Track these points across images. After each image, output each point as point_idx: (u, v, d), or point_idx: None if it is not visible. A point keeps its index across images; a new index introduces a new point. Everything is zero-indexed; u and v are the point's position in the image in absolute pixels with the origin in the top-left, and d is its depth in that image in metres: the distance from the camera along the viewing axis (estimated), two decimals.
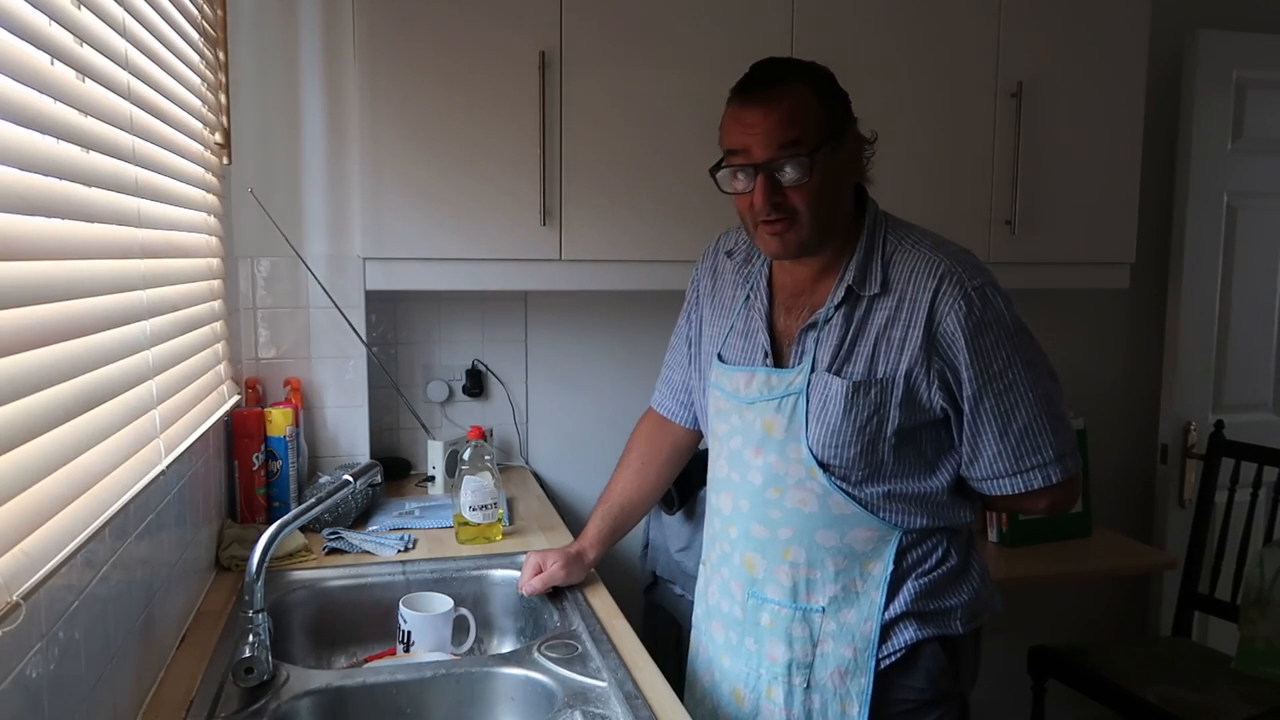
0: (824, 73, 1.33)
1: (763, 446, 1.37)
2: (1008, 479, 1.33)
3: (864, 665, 1.34)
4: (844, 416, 1.30)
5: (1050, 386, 1.35)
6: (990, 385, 1.30)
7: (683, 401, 1.61)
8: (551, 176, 2.07)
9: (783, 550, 1.37)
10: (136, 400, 1.16)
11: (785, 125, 1.26)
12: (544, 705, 1.27)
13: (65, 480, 0.91)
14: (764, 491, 1.38)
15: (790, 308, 1.40)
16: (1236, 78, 2.70)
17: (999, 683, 2.68)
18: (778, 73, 1.30)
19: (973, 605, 1.39)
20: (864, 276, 1.33)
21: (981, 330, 1.28)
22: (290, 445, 1.91)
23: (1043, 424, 1.32)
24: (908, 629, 1.35)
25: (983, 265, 1.35)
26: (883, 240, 1.35)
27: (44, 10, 0.89)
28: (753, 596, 1.41)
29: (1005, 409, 1.31)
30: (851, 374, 1.31)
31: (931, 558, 1.36)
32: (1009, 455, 1.32)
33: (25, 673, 0.82)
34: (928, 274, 1.30)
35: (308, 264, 2.08)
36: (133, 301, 1.17)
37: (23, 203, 0.84)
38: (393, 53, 1.98)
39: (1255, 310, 2.84)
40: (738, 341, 1.44)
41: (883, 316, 1.32)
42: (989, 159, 2.32)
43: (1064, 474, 1.34)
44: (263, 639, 1.25)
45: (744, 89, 1.30)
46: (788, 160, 1.26)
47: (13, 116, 0.81)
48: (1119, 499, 2.88)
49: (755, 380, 1.39)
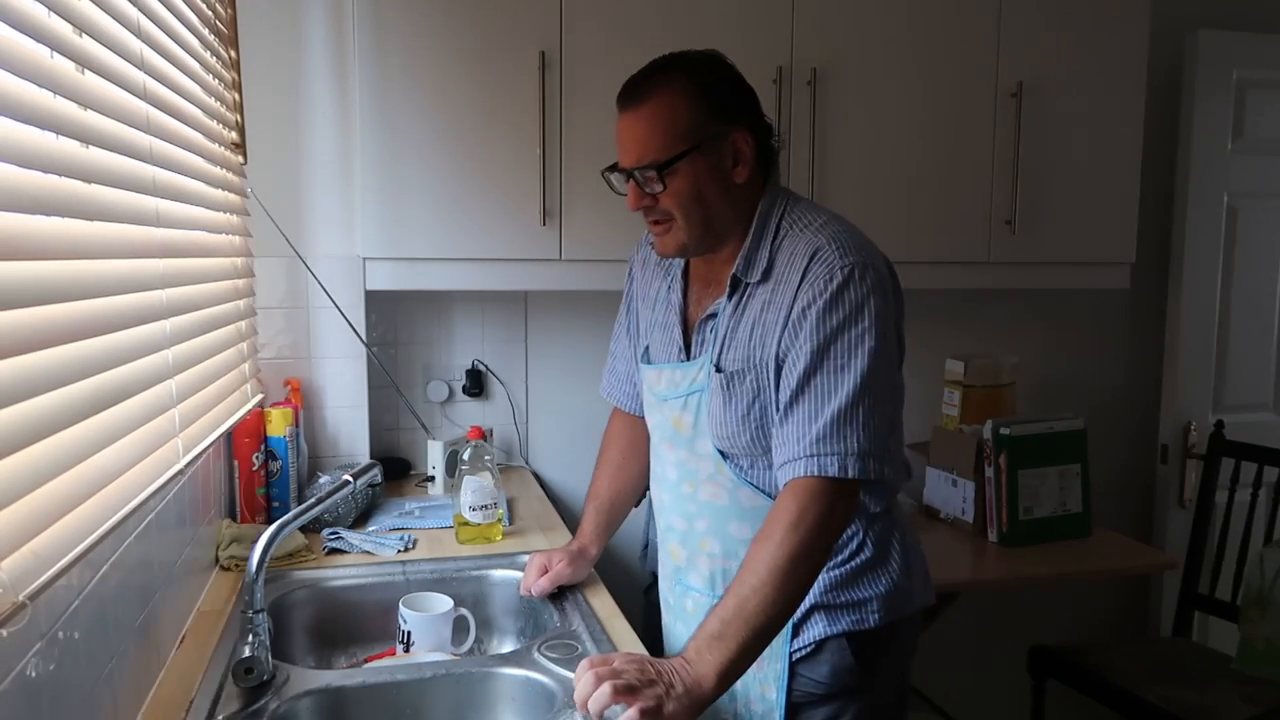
0: (710, 67, 1.32)
1: (674, 443, 1.42)
2: (804, 461, 1.23)
3: (778, 652, 1.35)
4: (725, 407, 1.32)
5: (883, 388, 1.25)
6: (824, 364, 1.24)
7: (629, 392, 1.64)
8: (551, 176, 2.07)
9: (700, 541, 1.41)
10: (155, 399, 1.16)
11: (646, 134, 1.28)
12: (544, 705, 1.27)
13: (78, 479, 0.90)
14: (679, 486, 1.42)
15: (700, 298, 1.42)
16: (1236, 78, 2.70)
17: (999, 683, 2.69)
18: (647, 76, 1.31)
19: (890, 598, 1.37)
20: (748, 264, 1.33)
21: (832, 308, 1.24)
22: (290, 445, 1.91)
23: (855, 415, 1.22)
24: (818, 624, 1.35)
25: (868, 249, 1.30)
26: (776, 227, 1.33)
27: (54, 10, 0.89)
28: (679, 584, 1.47)
29: (830, 389, 1.24)
30: (730, 363, 1.32)
31: (845, 549, 1.35)
32: (814, 437, 1.23)
33: (25, 673, 0.82)
34: (803, 255, 1.28)
35: (308, 264, 2.08)
36: (152, 301, 1.17)
37: (38, 203, 0.84)
38: (393, 53, 1.98)
39: (1255, 310, 2.84)
40: (659, 335, 1.47)
41: (760, 302, 1.31)
42: (989, 159, 2.32)
43: (860, 472, 1.22)
44: (263, 639, 1.24)
45: (620, 94, 1.32)
46: (645, 169, 1.28)
47: (22, 115, 0.81)
48: (1119, 499, 2.88)
49: (663, 377, 1.43)
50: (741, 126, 1.32)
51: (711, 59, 1.33)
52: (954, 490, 2.34)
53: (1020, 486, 2.22)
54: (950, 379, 2.44)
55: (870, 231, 1.40)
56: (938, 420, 2.47)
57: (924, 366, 2.41)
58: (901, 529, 1.42)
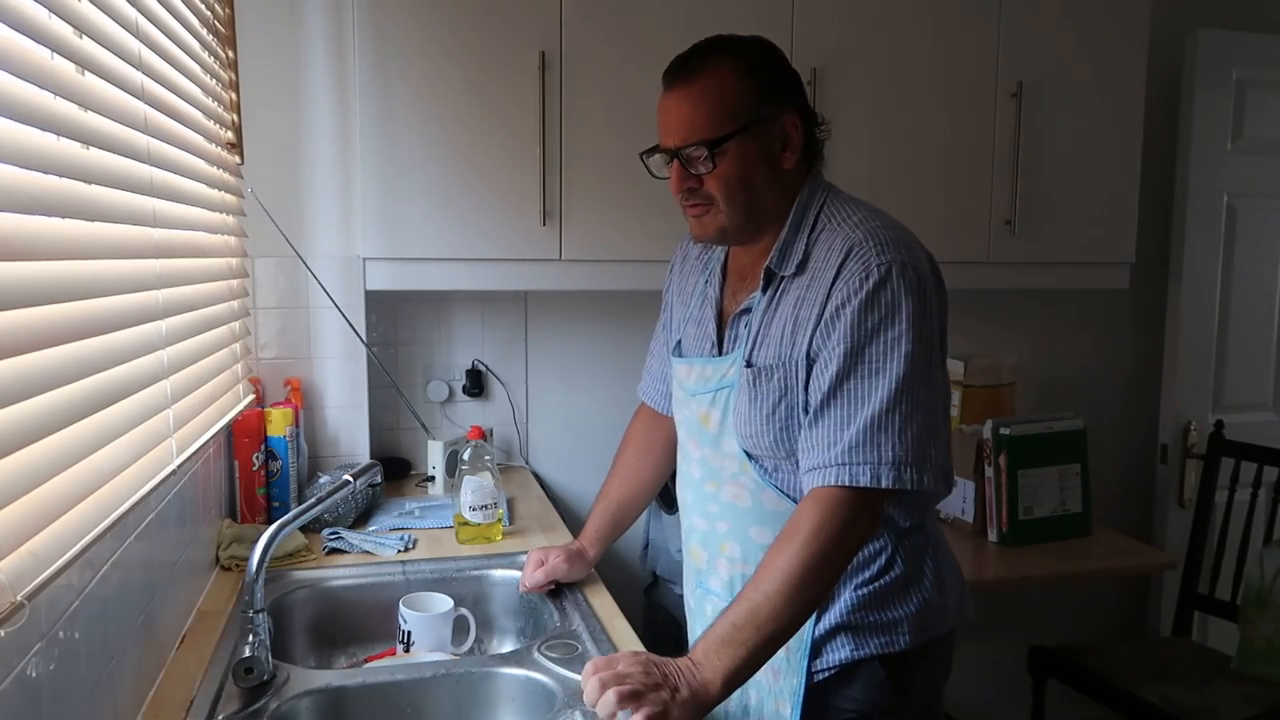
0: (759, 52, 1.30)
1: (699, 440, 1.38)
2: (834, 469, 1.18)
3: (796, 666, 1.30)
4: (750, 404, 1.28)
5: (921, 393, 1.20)
6: (857, 369, 1.19)
7: (663, 392, 1.60)
8: (551, 176, 2.07)
9: (720, 544, 1.38)
10: (150, 399, 1.16)
11: (694, 112, 1.25)
12: (544, 705, 1.27)
13: (75, 479, 0.91)
14: (702, 485, 1.39)
15: (736, 292, 1.39)
16: (1236, 78, 2.70)
17: (999, 683, 2.69)
18: (698, 55, 1.28)
19: (922, 617, 1.30)
20: (783, 256, 1.29)
21: (867, 308, 1.19)
22: (290, 445, 1.91)
23: (891, 422, 1.18)
24: (843, 646, 1.29)
25: (908, 245, 1.25)
26: (815, 219, 1.29)
27: (54, 11, 0.89)
28: (699, 586, 1.44)
29: (863, 394, 1.19)
30: (762, 358, 1.28)
31: (873, 565, 1.29)
32: (846, 444, 1.18)
33: (25, 673, 0.82)
34: (840, 250, 1.23)
35: (308, 264, 2.08)
36: (148, 301, 1.17)
37: (35, 203, 0.84)
38: (394, 53, 1.98)
39: (1255, 310, 2.84)
40: (693, 330, 1.44)
41: (795, 296, 1.27)
42: (989, 159, 2.32)
43: (894, 481, 1.17)
44: (263, 639, 1.24)
45: (666, 72, 1.29)
46: (693, 148, 1.25)
47: (21, 116, 0.81)
48: (1119, 499, 2.88)
49: (693, 372, 1.39)
50: (792, 111, 1.29)
51: (760, 42, 1.31)
52: (954, 490, 2.34)
53: (1020, 486, 2.22)
54: (950, 379, 2.44)
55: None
56: None
57: None
58: (936, 544, 1.36)
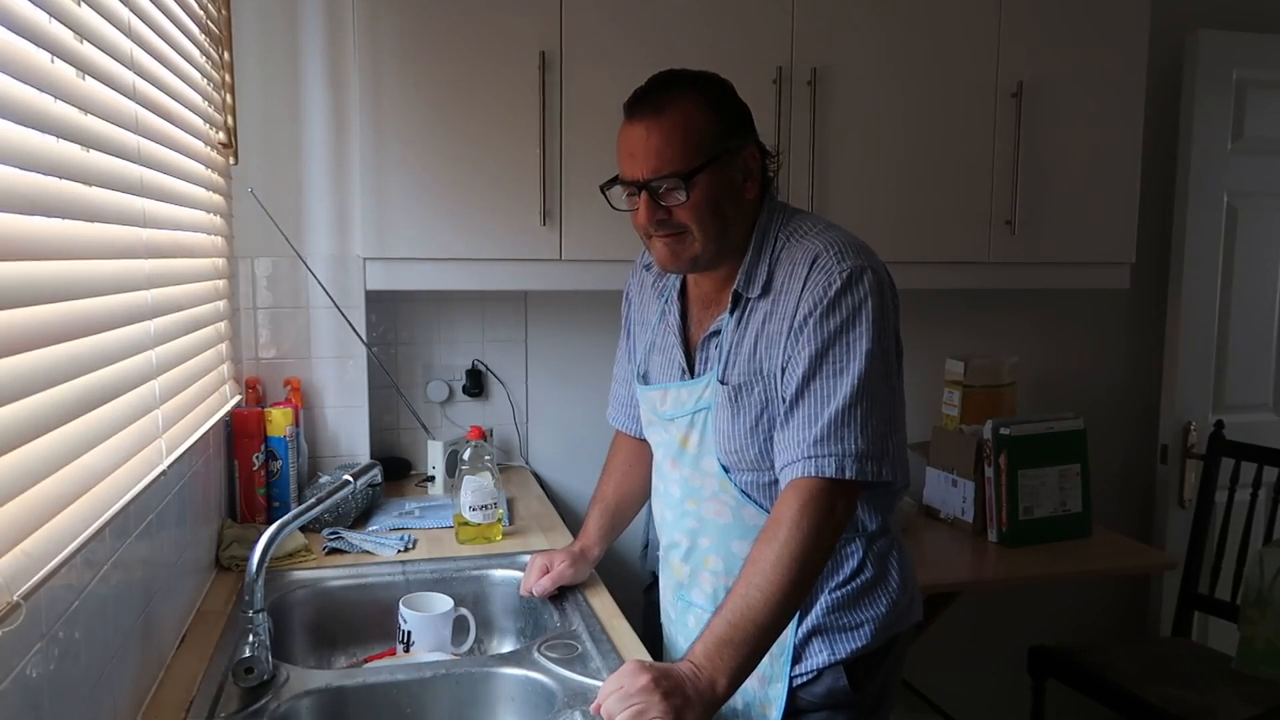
0: (718, 85, 1.32)
1: (679, 461, 1.42)
2: (803, 462, 1.24)
3: (779, 673, 1.36)
4: (733, 420, 1.32)
5: (881, 389, 1.26)
6: (823, 368, 1.25)
7: (633, 416, 1.62)
8: (551, 176, 2.07)
9: (703, 558, 1.42)
10: (139, 400, 1.16)
11: (665, 144, 1.26)
12: (544, 705, 1.27)
13: (67, 480, 0.91)
14: (683, 503, 1.43)
15: (701, 318, 1.42)
16: (1236, 78, 2.69)
17: (999, 683, 2.69)
18: (662, 88, 1.29)
19: (888, 617, 1.37)
20: (749, 280, 1.33)
21: (830, 312, 1.25)
22: (290, 445, 1.91)
23: (853, 416, 1.23)
24: (820, 651, 1.35)
25: (866, 251, 1.30)
26: (774, 240, 1.34)
27: (44, 8, 0.89)
28: (680, 599, 1.48)
29: (828, 392, 1.24)
30: (735, 376, 1.32)
31: (845, 568, 1.35)
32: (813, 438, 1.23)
33: (25, 673, 0.82)
34: (804, 263, 1.28)
35: (308, 264, 2.08)
36: (137, 301, 1.17)
37: (25, 202, 0.84)
38: (393, 52, 1.98)
39: (1255, 310, 2.83)
40: (659, 358, 1.47)
41: (762, 315, 1.32)
42: (989, 159, 2.32)
43: (858, 473, 1.22)
44: (263, 639, 1.25)
45: (629, 105, 1.30)
46: (665, 180, 1.27)
47: (14, 116, 0.81)
48: (1119, 499, 2.88)
49: (668, 397, 1.43)
50: (750, 144, 1.33)
51: (714, 77, 1.34)
52: (954, 490, 2.34)
53: (1020, 486, 2.22)
54: (950, 379, 2.44)
55: (870, 231, 1.41)
56: (938, 420, 2.47)
57: (924, 367, 2.41)
58: (899, 546, 1.42)
